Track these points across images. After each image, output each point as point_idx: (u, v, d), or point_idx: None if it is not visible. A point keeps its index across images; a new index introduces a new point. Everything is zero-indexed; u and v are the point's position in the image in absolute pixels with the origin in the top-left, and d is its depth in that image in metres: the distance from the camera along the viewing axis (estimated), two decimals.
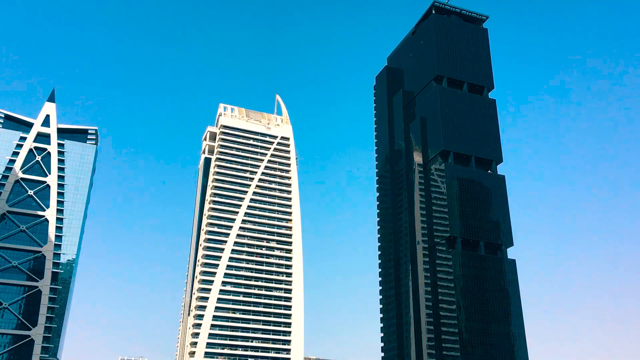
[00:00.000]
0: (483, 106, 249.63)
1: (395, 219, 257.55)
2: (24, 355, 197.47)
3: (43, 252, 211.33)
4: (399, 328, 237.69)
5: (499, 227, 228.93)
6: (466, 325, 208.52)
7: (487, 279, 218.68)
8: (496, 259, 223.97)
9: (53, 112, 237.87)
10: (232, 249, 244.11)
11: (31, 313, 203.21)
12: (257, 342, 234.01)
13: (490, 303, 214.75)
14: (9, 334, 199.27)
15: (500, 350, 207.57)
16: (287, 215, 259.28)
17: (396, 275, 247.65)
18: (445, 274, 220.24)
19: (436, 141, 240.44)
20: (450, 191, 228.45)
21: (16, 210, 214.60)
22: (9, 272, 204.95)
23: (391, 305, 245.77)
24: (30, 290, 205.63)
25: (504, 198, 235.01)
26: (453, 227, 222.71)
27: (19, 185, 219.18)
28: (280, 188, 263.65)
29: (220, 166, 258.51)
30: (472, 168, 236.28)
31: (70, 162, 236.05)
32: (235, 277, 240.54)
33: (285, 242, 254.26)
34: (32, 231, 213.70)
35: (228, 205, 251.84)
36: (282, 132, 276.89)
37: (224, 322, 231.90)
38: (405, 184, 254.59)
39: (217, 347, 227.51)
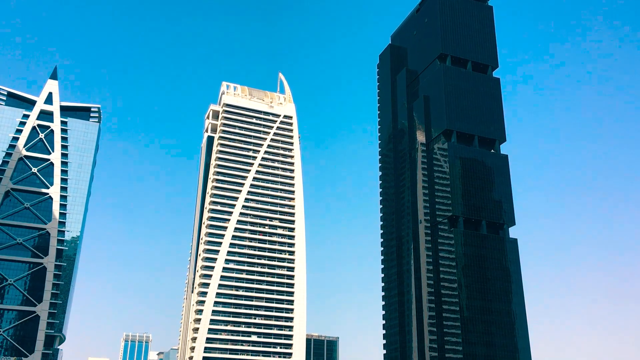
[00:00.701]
0: (487, 85, 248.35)
1: (397, 198, 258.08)
2: (29, 330, 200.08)
3: (47, 229, 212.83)
4: (401, 306, 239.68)
5: (501, 206, 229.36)
6: (467, 303, 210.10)
7: (489, 258, 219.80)
8: (498, 238, 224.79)
9: (56, 89, 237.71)
10: (235, 227, 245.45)
11: (36, 289, 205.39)
12: (260, 319, 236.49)
13: (492, 282, 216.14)
14: (14, 309, 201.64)
15: (500, 328, 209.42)
16: (289, 194, 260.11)
17: (398, 253, 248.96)
18: (447, 253, 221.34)
19: (439, 120, 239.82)
20: (453, 170, 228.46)
21: (20, 187, 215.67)
22: (13, 249, 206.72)
23: (393, 284, 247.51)
24: (35, 267, 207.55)
25: (506, 177, 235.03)
26: (455, 207, 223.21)
27: (22, 163, 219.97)
28: (283, 167, 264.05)
29: (223, 145, 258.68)
30: (475, 147, 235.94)
31: (73, 140, 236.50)
32: (239, 255, 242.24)
33: (288, 220, 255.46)
34: (36, 208, 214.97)
35: (231, 184, 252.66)
36: (285, 110, 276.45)
37: (227, 299, 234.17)
38: (408, 163, 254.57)
39: (221, 323, 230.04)
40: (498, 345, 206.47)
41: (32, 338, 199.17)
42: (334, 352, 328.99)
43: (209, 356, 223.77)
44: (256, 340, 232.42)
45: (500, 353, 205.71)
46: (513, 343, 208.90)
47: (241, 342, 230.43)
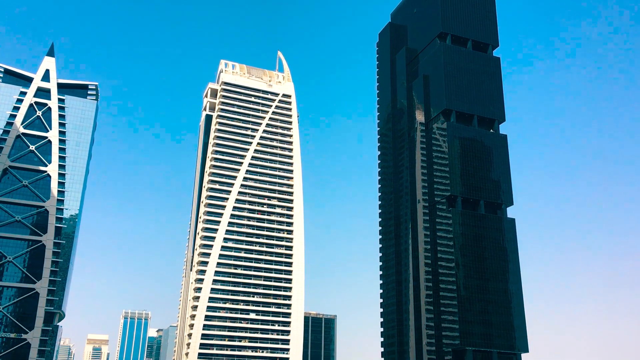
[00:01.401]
0: (487, 64, 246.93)
1: (396, 178, 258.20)
2: (29, 307, 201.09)
3: (46, 207, 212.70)
4: (398, 285, 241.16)
5: (499, 186, 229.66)
6: (464, 282, 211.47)
7: (486, 237, 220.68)
8: (496, 217, 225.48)
9: (52, 66, 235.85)
10: (233, 205, 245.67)
11: (35, 267, 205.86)
12: (259, 297, 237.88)
13: (489, 261, 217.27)
14: (14, 287, 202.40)
15: (497, 307, 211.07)
16: (288, 173, 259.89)
17: (396, 233, 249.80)
18: (445, 233, 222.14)
19: (439, 100, 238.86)
20: (452, 150, 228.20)
21: (18, 165, 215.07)
22: (12, 226, 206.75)
23: (391, 263, 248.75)
24: (34, 244, 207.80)
25: (505, 157, 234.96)
26: (454, 186, 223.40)
27: (20, 141, 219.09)
28: (282, 145, 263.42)
29: (222, 123, 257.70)
30: (474, 127, 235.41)
31: (71, 118, 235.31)
32: (237, 234, 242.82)
33: (287, 199, 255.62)
34: (34, 186, 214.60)
35: (229, 163, 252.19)
36: (284, 89, 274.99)
37: (225, 277, 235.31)
38: (407, 143, 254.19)
39: (219, 301, 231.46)
40: (494, 324, 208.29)
41: (31, 315, 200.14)
42: (332, 330, 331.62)
43: (207, 333, 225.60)
44: (254, 318, 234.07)
45: (496, 331, 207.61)
46: (509, 321, 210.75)
47: (239, 319, 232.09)
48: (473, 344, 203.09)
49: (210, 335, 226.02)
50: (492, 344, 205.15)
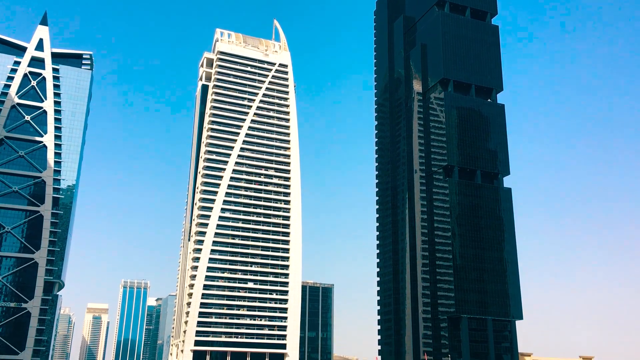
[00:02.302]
0: (485, 32, 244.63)
1: (393, 148, 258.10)
2: (28, 277, 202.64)
3: (43, 178, 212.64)
4: (395, 254, 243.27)
5: (496, 156, 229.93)
6: (460, 251, 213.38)
7: (483, 207, 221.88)
8: (492, 187, 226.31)
9: (46, 35, 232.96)
10: (230, 176, 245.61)
11: (34, 237, 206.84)
12: (257, 267, 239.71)
13: (485, 230, 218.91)
14: (12, 257, 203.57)
15: (492, 275, 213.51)
16: (285, 143, 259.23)
17: (393, 203, 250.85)
18: (442, 202, 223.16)
19: (436, 69, 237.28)
20: (449, 120, 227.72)
21: (14, 135, 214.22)
22: (9, 197, 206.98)
23: (387, 233, 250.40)
24: (32, 214, 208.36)
25: (502, 127, 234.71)
26: (451, 156, 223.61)
27: (15, 111, 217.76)
28: (278, 116, 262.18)
29: (218, 93, 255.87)
30: (472, 97, 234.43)
31: (65, 88, 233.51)
32: (234, 204, 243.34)
33: (284, 169, 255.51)
34: (31, 157, 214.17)
35: (226, 133, 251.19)
36: (280, 58, 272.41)
37: (223, 247, 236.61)
38: (404, 113, 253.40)
39: (218, 271, 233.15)
40: (489, 292, 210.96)
41: (31, 284, 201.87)
42: (329, 298, 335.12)
43: (206, 302, 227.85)
44: (252, 287, 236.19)
45: (491, 299, 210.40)
46: (504, 290, 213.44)
47: (238, 288, 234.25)
48: (468, 311, 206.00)
49: (209, 304, 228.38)
50: (487, 311, 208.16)
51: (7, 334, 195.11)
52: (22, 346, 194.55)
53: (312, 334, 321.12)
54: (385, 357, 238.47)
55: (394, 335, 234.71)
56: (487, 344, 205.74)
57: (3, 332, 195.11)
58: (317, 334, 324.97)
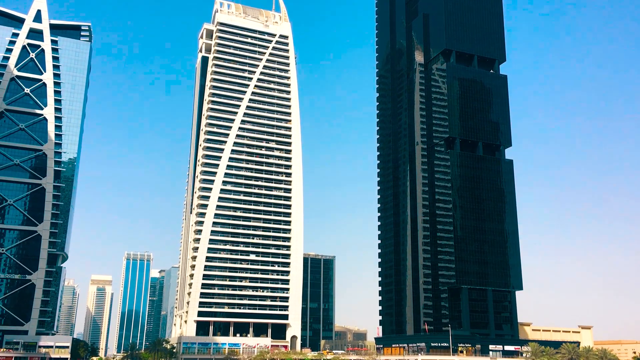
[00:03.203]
0: (488, 2, 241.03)
1: (394, 120, 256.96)
2: (31, 249, 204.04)
3: (44, 151, 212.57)
4: (396, 226, 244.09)
5: (498, 127, 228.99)
6: (461, 223, 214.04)
7: (484, 179, 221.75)
8: (494, 159, 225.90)
9: (44, 7, 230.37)
10: (231, 148, 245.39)
11: (36, 210, 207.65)
12: (258, 239, 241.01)
13: (486, 202, 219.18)
14: (15, 229, 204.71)
15: (493, 247, 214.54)
16: (286, 116, 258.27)
17: (394, 175, 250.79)
18: (443, 174, 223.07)
19: (438, 39, 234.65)
20: (451, 91, 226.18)
21: (14, 108, 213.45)
22: (11, 170, 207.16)
23: (389, 205, 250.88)
24: (33, 187, 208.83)
25: (504, 98, 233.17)
26: (452, 128, 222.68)
27: (14, 83, 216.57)
28: (279, 88, 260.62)
29: (218, 65, 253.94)
30: (474, 68, 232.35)
31: (65, 60, 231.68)
32: (236, 177, 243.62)
33: (285, 142, 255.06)
34: (31, 130, 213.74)
35: (227, 105, 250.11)
36: (281, 30, 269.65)
37: (225, 219, 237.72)
38: (405, 84, 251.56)
39: (220, 243, 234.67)
40: (490, 263, 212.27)
41: (35, 257, 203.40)
42: (331, 270, 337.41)
43: (208, 274, 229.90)
44: (254, 259, 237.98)
45: (491, 270, 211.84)
46: (504, 261, 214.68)
47: (240, 260, 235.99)
48: (468, 282, 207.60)
49: (212, 275, 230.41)
50: (487, 282, 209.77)
51: (12, 306, 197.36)
52: (27, 317, 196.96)
53: (313, 305, 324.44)
54: (386, 327, 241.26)
55: (395, 306, 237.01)
56: (487, 314, 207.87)
57: (8, 304, 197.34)
58: (318, 305, 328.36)
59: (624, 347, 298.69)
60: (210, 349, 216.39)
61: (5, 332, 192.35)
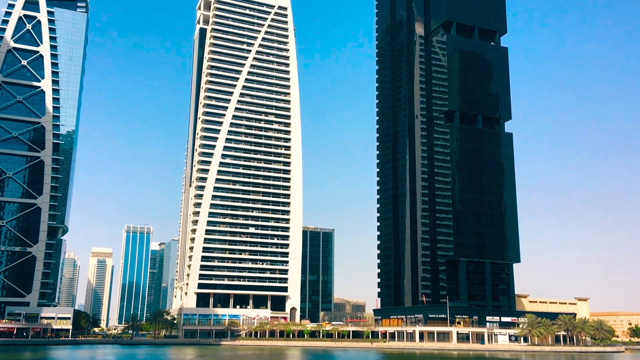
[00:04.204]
0: None
1: (394, 93, 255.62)
2: (31, 222, 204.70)
3: (42, 123, 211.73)
4: (395, 200, 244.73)
5: (498, 100, 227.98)
6: (460, 196, 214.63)
7: (483, 152, 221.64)
8: (493, 132, 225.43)
9: None
10: (230, 121, 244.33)
11: (36, 182, 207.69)
12: (258, 212, 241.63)
13: (485, 175, 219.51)
14: (15, 202, 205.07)
15: (491, 220, 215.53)
16: (285, 88, 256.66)
17: (394, 149, 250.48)
18: (442, 148, 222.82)
19: (439, 11, 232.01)
20: (451, 64, 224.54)
21: (11, 80, 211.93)
22: (9, 142, 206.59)
23: (388, 178, 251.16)
24: (32, 160, 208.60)
25: (505, 71, 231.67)
26: (452, 101, 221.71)
27: (11, 55, 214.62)
28: (278, 60, 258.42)
29: (216, 37, 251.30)
30: (475, 40, 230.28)
31: (61, 31, 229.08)
32: (235, 150, 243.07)
33: (284, 115, 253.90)
34: (29, 102, 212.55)
35: (225, 78, 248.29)
36: (279, 0, 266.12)
37: (224, 193, 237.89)
38: (405, 57, 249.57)
39: (219, 216, 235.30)
40: (488, 236, 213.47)
41: (35, 229, 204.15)
42: (330, 243, 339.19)
43: (208, 246, 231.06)
44: (254, 232, 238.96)
45: (489, 243, 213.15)
46: (502, 233, 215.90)
47: (239, 233, 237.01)
48: (466, 255, 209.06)
49: (211, 248, 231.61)
50: (485, 254, 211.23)
51: (13, 277, 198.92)
52: (28, 289, 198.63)
53: (313, 278, 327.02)
54: (384, 299, 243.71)
55: (394, 279, 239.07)
56: (484, 286, 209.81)
57: (9, 276, 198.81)
58: (318, 277, 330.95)
59: (619, 318, 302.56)
60: (210, 320, 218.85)
61: (7, 303, 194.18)
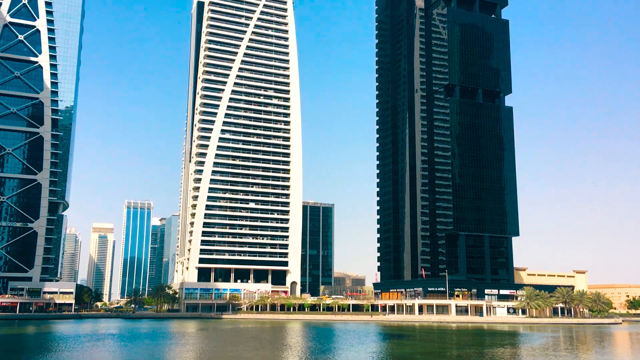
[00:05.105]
0: None
1: (394, 67, 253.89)
2: (32, 198, 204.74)
3: (40, 99, 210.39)
4: (395, 174, 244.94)
5: (498, 74, 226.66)
6: (459, 170, 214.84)
7: (483, 126, 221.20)
8: (493, 106, 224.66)
9: None
10: (229, 97, 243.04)
11: (35, 158, 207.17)
12: (258, 187, 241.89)
13: (484, 149, 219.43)
14: (15, 178, 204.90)
15: (490, 194, 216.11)
16: (284, 63, 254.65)
17: (393, 123, 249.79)
18: (442, 122, 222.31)
19: None
20: (452, 37, 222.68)
21: (8, 55, 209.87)
22: (8, 118, 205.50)
23: (387, 153, 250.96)
24: (31, 136, 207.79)
25: (506, 44, 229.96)
26: (452, 75, 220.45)
27: (8, 30, 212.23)
28: (277, 34, 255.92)
29: (214, 11, 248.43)
30: (476, 12, 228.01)
31: (58, 5, 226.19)
32: (234, 125, 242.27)
33: (283, 89, 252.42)
34: (27, 77, 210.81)
35: (224, 52, 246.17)
36: None
37: (224, 168, 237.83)
38: (405, 30, 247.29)
39: (219, 191, 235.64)
40: (487, 209, 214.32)
41: (36, 205, 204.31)
42: (330, 217, 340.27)
43: (209, 222, 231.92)
44: (254, 207, 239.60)
45: (489, 216, 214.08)
46: (502, 207, 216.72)
47: (240, 208, 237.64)
48: (466, 229, 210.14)
49: (212, 223, 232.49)
50: (484, 228, 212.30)
51: (15, 253, 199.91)
52: (30, 264, 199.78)
53: (313, 252, 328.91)
54: (384, 273, 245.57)
55: (393, 253, 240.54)
56: (483, 260, 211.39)
57: (12, 251, 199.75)
58: (318, 251, 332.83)
59: (617, 290, 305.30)
60: (211, 295, 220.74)
61: (9, 278, 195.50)
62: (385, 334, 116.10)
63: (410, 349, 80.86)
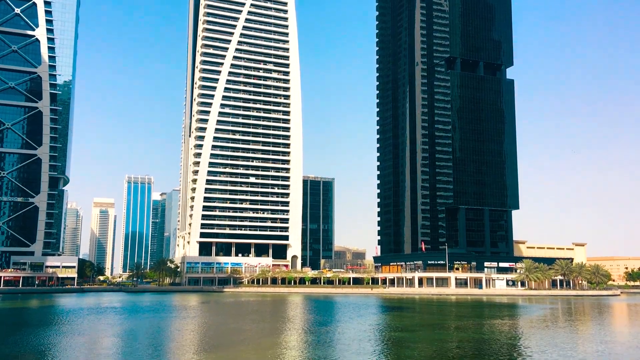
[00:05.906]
0: None
1: (394, 40, 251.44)
2: (32, 173, 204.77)
3: (38, 73, 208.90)
4: (395, 148, 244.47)
5: (500, 46, 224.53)
6: (460, 144, 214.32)
7: (484, 99, 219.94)
8: (495, 79, 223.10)
9: None
10: (229, 71, 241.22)
11: (35, 133, 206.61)
12: (258, 162, 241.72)
13: (485, 123, 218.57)
14: (15, 153, 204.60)
15: (491, 167, 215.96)
16: (283, 36, 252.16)
17: (394, 96, 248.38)
18: (443, 95, 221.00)
19: None
20: (453, 9, 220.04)
21: (5, 29, 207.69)
22: (6, 93, 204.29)
23: (388, 127, 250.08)
24: (30, 111, 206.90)
25: (507, 15, 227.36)
26: (453, 47, 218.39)
27: (4, 4, 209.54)
28: (276, 7, 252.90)
29: None
30: None
31: None
32: (234, 100, 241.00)
33: (283, 63, 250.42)
34: (24, 52, 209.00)
35: (222, 25, 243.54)
36: None
37: (224, 142, 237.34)
38: (406, 2, 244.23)
39: (219, 166, 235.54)
40: (487, 183, 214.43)
41: (36, 180, 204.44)
42: (330, 192, 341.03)
43: (209, 196, 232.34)
44: (254, 182, 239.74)
45: (489, 190, 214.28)
46: (502, 181, 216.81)
47: (240, 183, 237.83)
48: (466, 202, 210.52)
49: (212, 198, 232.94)
50: (484, 202, 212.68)
51: (17, 227, 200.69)
52: (32, 239, 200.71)
53: (313, 226, 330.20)
54: (384, 246, 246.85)
55: (393, 226, 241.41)
56: (483, 233, 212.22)
57: (13, 226, 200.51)
58: (318, 226, 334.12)
59: (616, 262, 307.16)
60: (213, 268, 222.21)
61: (12, 253, 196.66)
62: (386, 306, 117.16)
63: (410, 321, 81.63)
